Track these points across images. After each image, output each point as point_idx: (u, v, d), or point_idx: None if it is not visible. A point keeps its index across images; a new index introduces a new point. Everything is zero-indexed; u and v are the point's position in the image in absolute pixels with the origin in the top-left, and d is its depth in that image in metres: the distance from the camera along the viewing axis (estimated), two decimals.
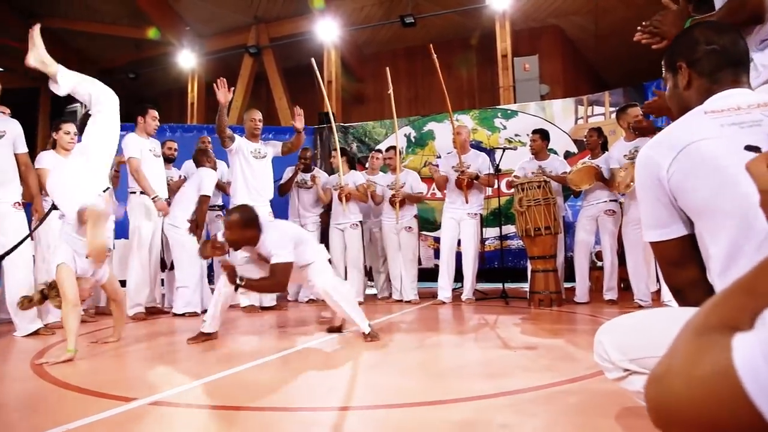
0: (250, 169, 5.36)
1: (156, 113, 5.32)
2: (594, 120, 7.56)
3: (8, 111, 4.50)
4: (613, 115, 7.33)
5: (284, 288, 3.55)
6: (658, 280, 5.26)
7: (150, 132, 5.26)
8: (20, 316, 3.95)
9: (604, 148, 5.58)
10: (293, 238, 3.60)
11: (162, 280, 5.80)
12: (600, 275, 5.89)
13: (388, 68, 6.04)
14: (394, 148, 6.21)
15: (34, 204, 4.37)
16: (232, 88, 4.61)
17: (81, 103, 14.05)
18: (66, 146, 4.61)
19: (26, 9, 13.07)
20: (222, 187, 5.91)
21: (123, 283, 5.08)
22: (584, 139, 5.84)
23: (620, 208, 5.38)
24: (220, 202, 6.06)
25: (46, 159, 4.59)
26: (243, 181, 5.35)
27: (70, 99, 15.09)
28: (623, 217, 5.20)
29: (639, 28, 2.12)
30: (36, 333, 3.95)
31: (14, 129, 4.13)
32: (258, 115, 5.55)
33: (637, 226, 4.68)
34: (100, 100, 3.12)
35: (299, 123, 5.55)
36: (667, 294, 4.74)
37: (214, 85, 4.92)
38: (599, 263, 6.09)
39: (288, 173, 6.36)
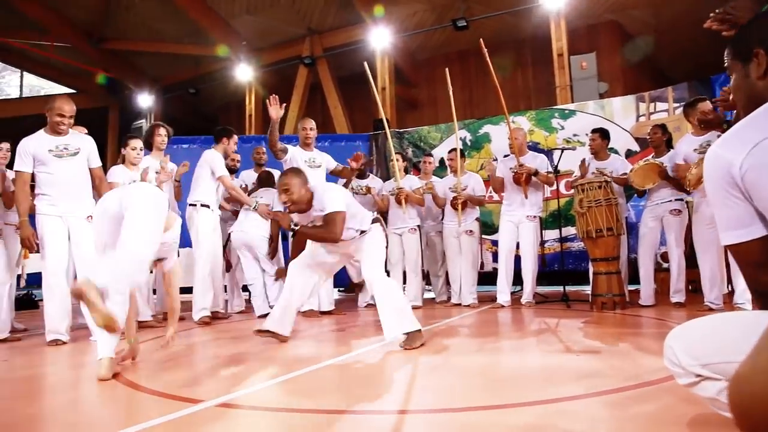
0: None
1: (236, 138, 5.74)
2: (657, 117, 7.31)
3: (85, 130, 4.80)
4: (677, 111, 7.08)
5: (337, 239, 3.48)
6: (729, 282, 5.02)
7: (229, 154, 5.69)
8: None
9: (669, 145, 5.38)
10: (346, 199, 3.56)
11: (224, 286, 6.00)
12: (666, 277, 5.67)
13: (447, 69, 6.03)
14: (455, 149, 6.16)
15: None
16: (284, 104, 4.72)
17: (146, 119, 14.70)
18: (133, 161, 4.91)
19: (95, 34, 13.81)
20: None
21: (189, 290, 5.28)
22: (647, 137, 5.65)
23: (687, 207, 5.17)
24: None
25: (116, 173, 4.90)
26: None
27: (136, 116, 15.81)
28: (693, 215, 4.99)
29: (711, 15, 2.02)
30: None
31: (88, 145, 4.37)
32: (309, 123, 5.63)
33: (711, 225, 4.45)
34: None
35: (355, 164, 5.64)
36: (740, 297, 4.52)
37: (267, 101, 5.05)
38: (665, 265, 5.87)
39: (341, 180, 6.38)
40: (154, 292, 5.67)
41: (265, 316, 5.04)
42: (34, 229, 4.15)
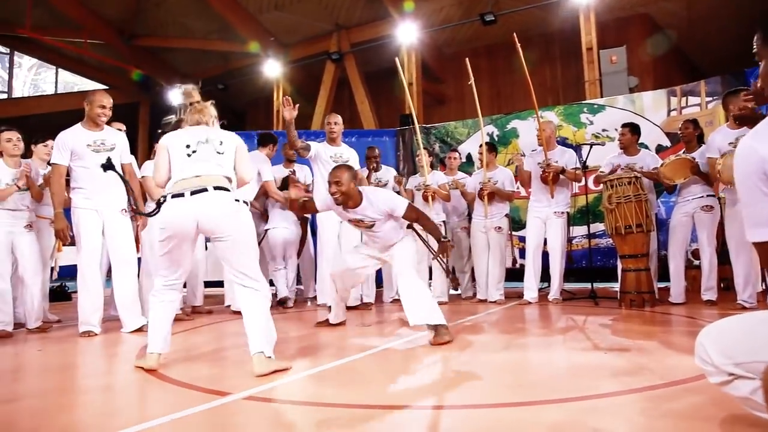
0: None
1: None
2: (688, 111, 7.17)
3: (124, 126, 5.00)
4: (710, 106, 6.94)
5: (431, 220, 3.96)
6: (764, 280, 4.92)
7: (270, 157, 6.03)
8: (127, 313, 4.26)
9: (701, 140, 5.27)
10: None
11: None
12: (697, 275, 5.57)
13: (467, 59, 5.97)
14: (485, 144, 6.13)
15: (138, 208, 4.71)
16: (296, 105, 4.76)
17: (176, 115, 14.89)
18: None
19: (127, 31, 14.05)
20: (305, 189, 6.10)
21: (219, 284, 5.35)
22: (678, 132, 5.55)
23: (719, 203, 5.07)
24: None
25: (150, 168, 4.96)
26: (323, 184, 5.48)
27: (166, 111, 16.01)
28: (726, 212, 4.89)
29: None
30: (140, 329, 4.23)
31: (122, 141, 4.50)
32: (334, 118, 5.65)
33: None
34: None
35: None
36: None
37: (280, 103, 5.10)
38: (696, 262, 5.77)
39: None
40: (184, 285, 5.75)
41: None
42: (69, 222, 4.26)
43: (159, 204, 2.82)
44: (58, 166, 4.19)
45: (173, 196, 2.73)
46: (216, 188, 2.74)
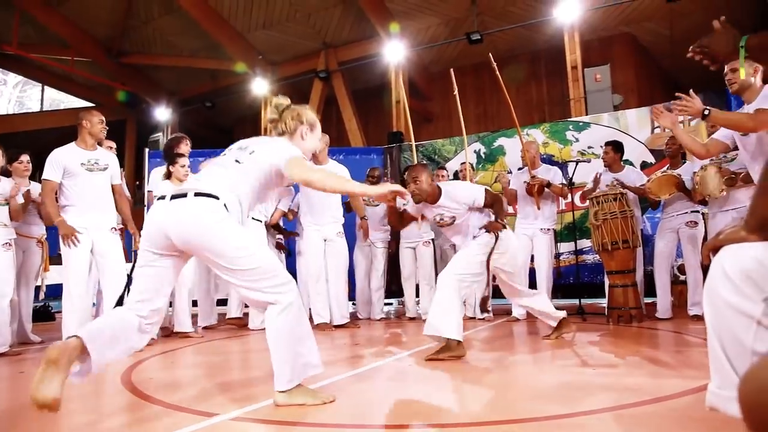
0: (315, 192, 5.20)
1: None
2: None
3: (114, 145, 4.96)
4: (693, 122, 7.04)
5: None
6: None
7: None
8: None
9: (684, 157, 5.36)
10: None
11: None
12: (683, 289, 5.62)
13: (452, 70, 6.00)
14: (464, 162, 6.17)
15: (129, 227, 4.71)
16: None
17: (162, 132, 14.88)
18: (181, 178, 4.91)
19: (114, 48, 14.06)
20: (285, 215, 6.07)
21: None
22: (663, 148, 5.63)
23: (703, 219, 5.13)
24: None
25: (162, 189, 4.90)
26: (307, 204, 5.48)
27: (153, 129, 15.98)
28: (709, 225, 4.95)
29: (690, 49, 2.01)
30: None
31: (113, 162, 4.55)
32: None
33: None
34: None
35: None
36: None
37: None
38: (682, 277, 5.81)
39: None
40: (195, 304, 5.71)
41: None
42: (57, 241, 4.24)
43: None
44: (50, 182, 4.21)
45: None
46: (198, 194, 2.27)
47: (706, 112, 3.22)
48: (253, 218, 5.36)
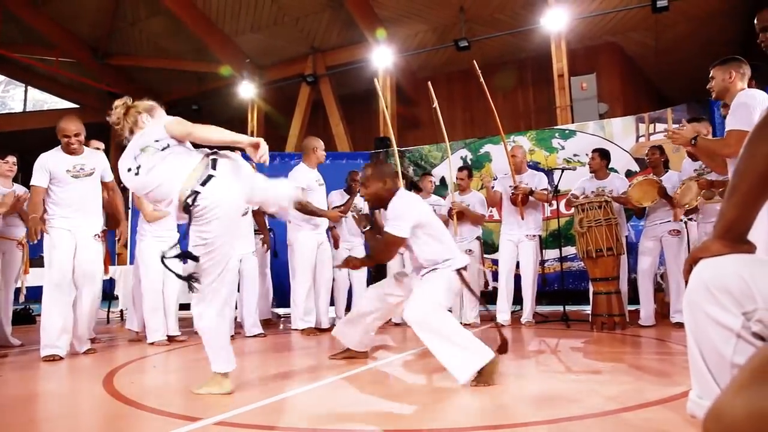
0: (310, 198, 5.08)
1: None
2: (656, 137, 7.35)
3: (102, 145, 4.96)
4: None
5: (386, 260, 3.66)
6: None
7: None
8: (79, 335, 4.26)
9: (666, 166, 5.42)
10: (417, 217, 3.17)
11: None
12: (666, 297, 5.66)
13: (430, 83, 6.03)
14: (463, 168, 6.21)
15: (120, 227, 4.68)
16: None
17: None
18: None
19: (100, 49, 13.95)
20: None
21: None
22: (645, 158, 5.69)
23: (686, 227, 5.19)
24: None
25: None
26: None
27: None
28: (691, 236, 5.01)
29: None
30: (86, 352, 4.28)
31: (102, 163, 4.46)
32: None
33: None
34: None
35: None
36: None
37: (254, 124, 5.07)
38: (665, 285, 5.86)
39: (335, 196, 6.03)
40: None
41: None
42: (41, 244, 4.20)
43: None
44: (37, 188, 4.14)
45: None
46: None
47: (693, 142, 3.29)
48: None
